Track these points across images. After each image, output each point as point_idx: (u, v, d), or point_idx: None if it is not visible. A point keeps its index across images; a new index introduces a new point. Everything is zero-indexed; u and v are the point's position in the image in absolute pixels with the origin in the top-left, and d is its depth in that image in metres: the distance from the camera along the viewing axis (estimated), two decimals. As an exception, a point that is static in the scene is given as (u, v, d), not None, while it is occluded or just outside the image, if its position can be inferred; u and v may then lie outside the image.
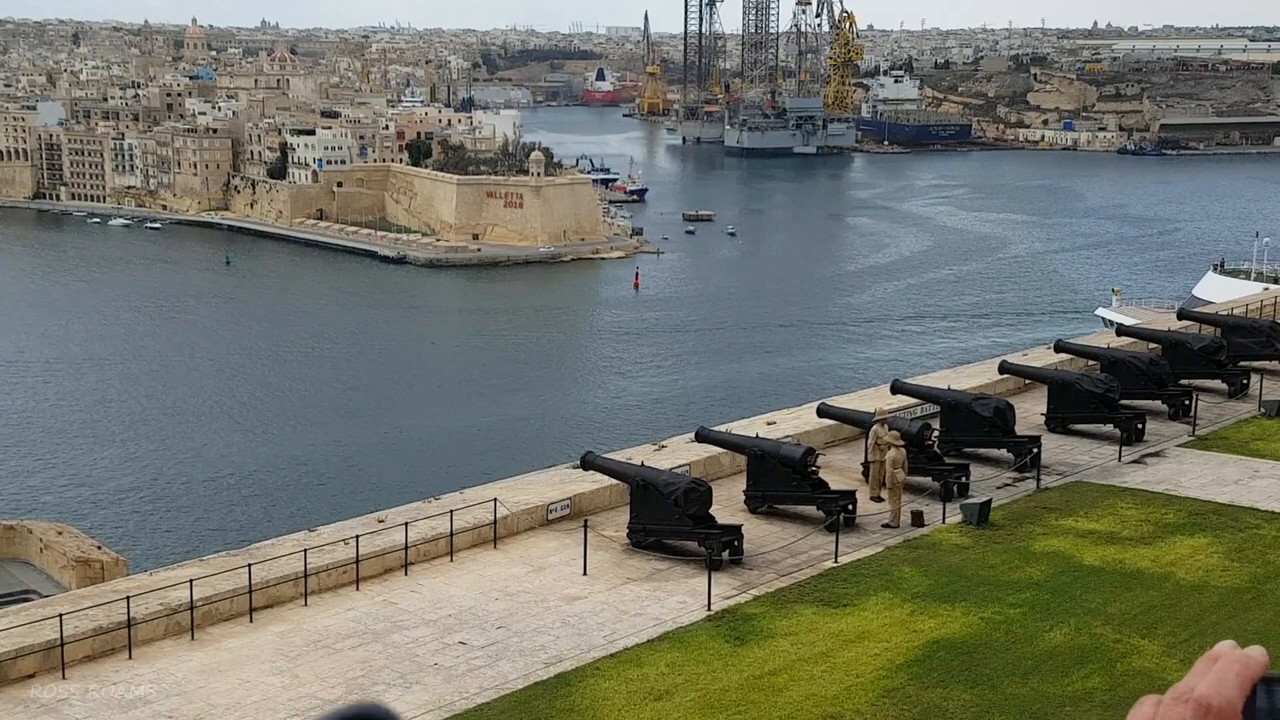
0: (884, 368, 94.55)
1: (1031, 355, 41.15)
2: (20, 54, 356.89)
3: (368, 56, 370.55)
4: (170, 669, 20.73)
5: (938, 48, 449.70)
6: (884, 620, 22.42)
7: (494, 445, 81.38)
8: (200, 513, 73.32)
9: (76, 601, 22.36)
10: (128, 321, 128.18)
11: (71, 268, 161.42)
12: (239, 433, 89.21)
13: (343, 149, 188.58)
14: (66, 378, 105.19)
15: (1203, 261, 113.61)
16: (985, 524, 27.13)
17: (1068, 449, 32.92)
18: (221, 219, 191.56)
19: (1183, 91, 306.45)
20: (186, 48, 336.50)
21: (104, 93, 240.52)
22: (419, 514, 26.45)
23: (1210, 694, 1.69)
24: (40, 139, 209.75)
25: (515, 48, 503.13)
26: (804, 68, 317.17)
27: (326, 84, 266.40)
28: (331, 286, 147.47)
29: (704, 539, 25.30)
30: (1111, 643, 21.48)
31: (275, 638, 21.97)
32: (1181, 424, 35.07)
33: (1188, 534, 26.63)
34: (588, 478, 28.66)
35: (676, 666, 20.73)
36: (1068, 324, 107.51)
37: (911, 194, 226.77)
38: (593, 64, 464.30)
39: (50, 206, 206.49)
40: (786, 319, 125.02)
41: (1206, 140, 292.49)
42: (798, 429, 32.20)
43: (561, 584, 24.42)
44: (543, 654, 21.34)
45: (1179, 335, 41.11)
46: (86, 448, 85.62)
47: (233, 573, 23.07)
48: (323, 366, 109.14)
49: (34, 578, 32.59)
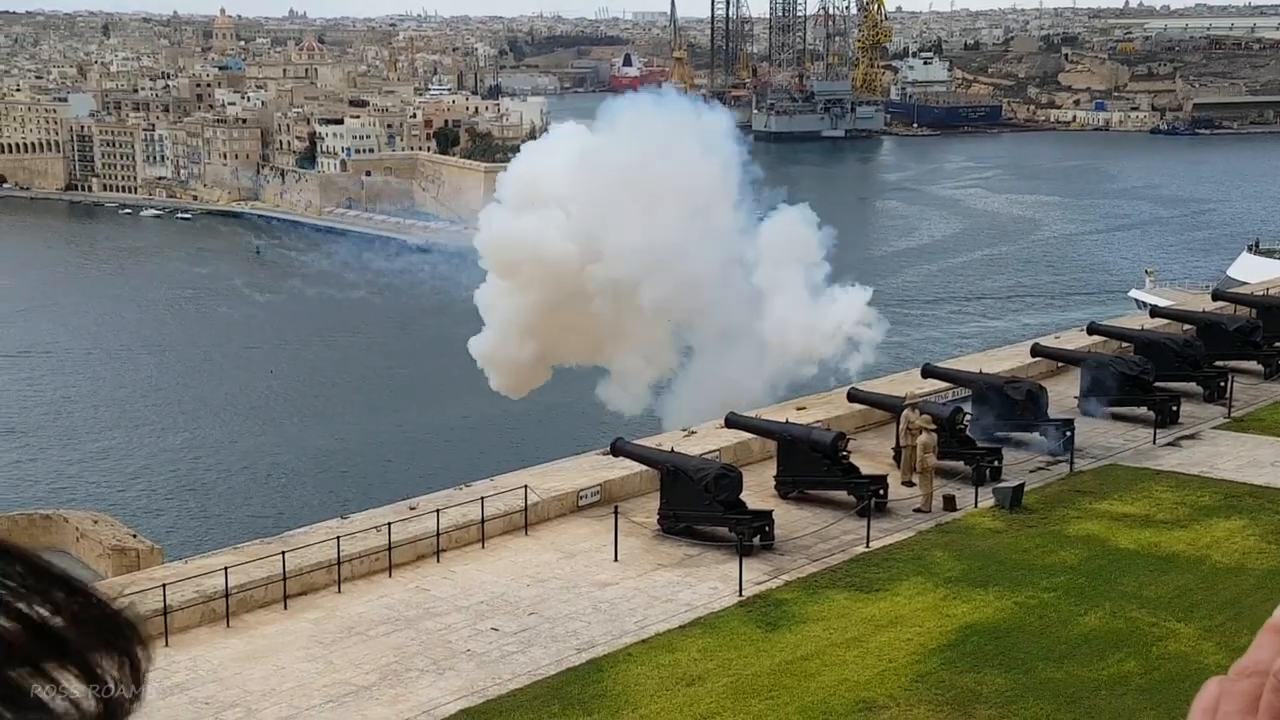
0: (915, 352, 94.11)
1: (1064, 337, 40.87)
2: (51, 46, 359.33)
3: (395, 45, 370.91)
4: (206, 656, 20.90)
5: (967, 29, 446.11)
6: (916, 605, 22.34)
7: (524, 432, 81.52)
8: (234, 501, 73.84)
9: (113, 590, 22.55)
10: (160, 312, 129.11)
11: (104, 259, 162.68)
12: (271, 421, 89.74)
13: (371, 138, 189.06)
14: (101, 368, 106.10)
15: (1237, 242, 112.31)
16: (1018, 508, 26.99)
17: (1102, 432, 32.69)
18: (251, 209, 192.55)
19: (1216, 70, 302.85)
20: (215, 38, 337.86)
21: (134, 84, 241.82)
22: (450, 501, 26.54)
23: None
24: (72, 131, 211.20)
25: (542, 34, 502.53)
26: (832, 51, 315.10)
27: (354, 73, 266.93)
28: (360, 275, 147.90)
29: (735, 524, 25.26)
30: (1147, 626, 21.34)
31: (309, 625, 22.11)
32: (1216, 406, 34.76)
33: (1223, 516, 26.41)
34: (618, 464, 28.67)
35: (708, 652, 20.73)
36: (1101, 306, 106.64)
37: (941, 176, 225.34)
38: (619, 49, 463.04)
39: (82, 198, 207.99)
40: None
41: (1240, 119, 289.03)
42: (829, 414, 32.10)
43: (593, 570, 24.45)
44: (574, 640, 21.38)
45: (1213, 316, 40.72)
46: (121, 437, 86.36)
47: (267, 560, 23.22)
48: (354, 355, 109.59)
49: (70, 566, 32.84)
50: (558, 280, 42.65)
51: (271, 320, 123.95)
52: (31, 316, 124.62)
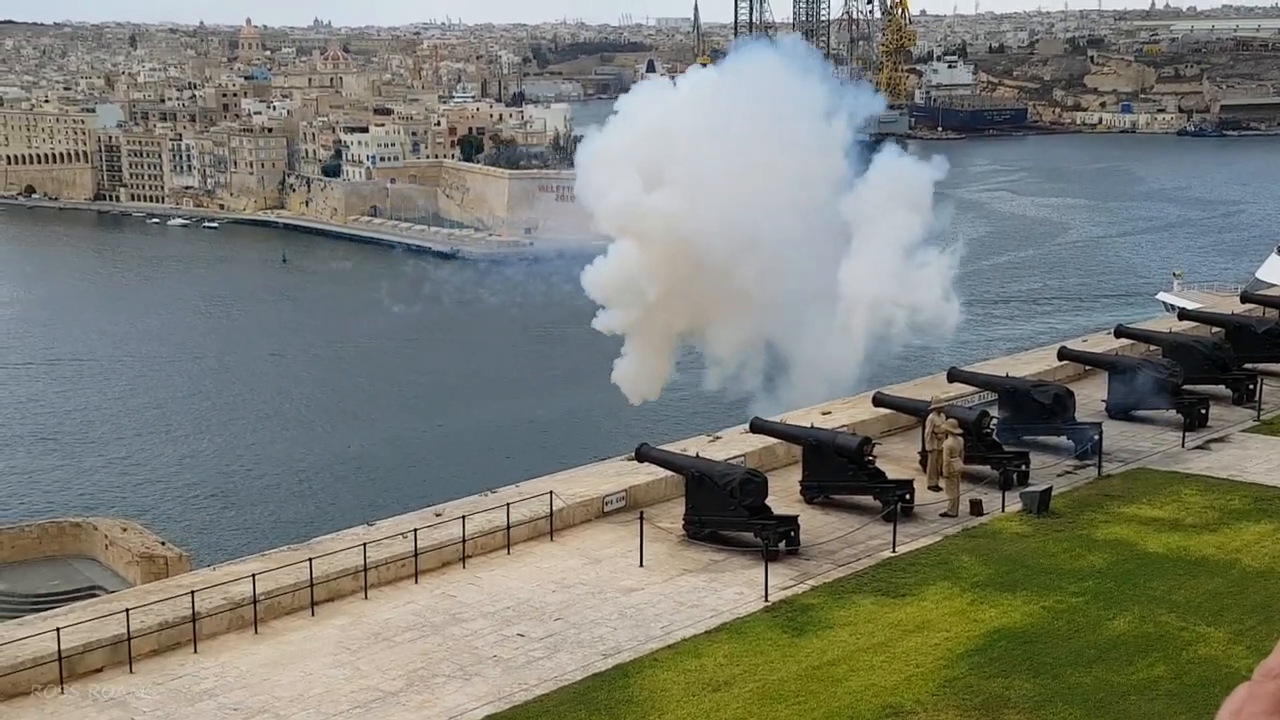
0: (941, 356, 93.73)
1: (1091, 340, 40.63)
2: (79, 57, 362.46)
3: (419, 53, 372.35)
4: (235, 662, 21.00)
5: (992, 31, 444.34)
6: (944, 610, 22.24)
7: (549, 438, 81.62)
8: (261, 508, 74.22)
9: (142, 597, 22.69)
10: (188, 320, 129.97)
11: (133, 268, 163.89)
12: (298, 429, 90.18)
13: (395, 146, 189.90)
14: (130, 375, 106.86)
15: (1266, 244, 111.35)
16: (1046, 512, 26.83)
17: (1130, 435, 32.48)
18: (277, 217, 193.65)
19: (1243, 72, 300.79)
20: (241, 48, 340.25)
21: (161, 94, 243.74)
22: (476, 507, 26.57)
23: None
24: (100, 141, 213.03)
25: (565, 41, 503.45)
26: (856, 55, 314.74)
27: (379, 81, 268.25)
28: (387, 282, 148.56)
29: (760, 530, 25.21)
30: (1176, 630, 21.18)
31: (337, 631, 22.18)
32: (1246, 409, 34.49)
33: (1253, 520, 26.19)
34: (643, 470, 28.65)
35: (734, 657, 20.69)
36: (1128, 309, 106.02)
37: (967, 180, 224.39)
38: (643, 56, 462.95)
39: (110, 208, 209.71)
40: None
41: (1268, 121, 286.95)
42: (853, 418, 32.01)
43: (618, 576, 24.44)
44: (600, 645, 21.37)
45: (1242, 319, 40.43)
46: (149, 445, 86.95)
47: (294, 567, 23.31)
48: (380, 361, 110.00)
49: (100, 574, 33.17)
50: (687, 248, 41.57)
51: (298, 328, 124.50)
52: (61, 325, 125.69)
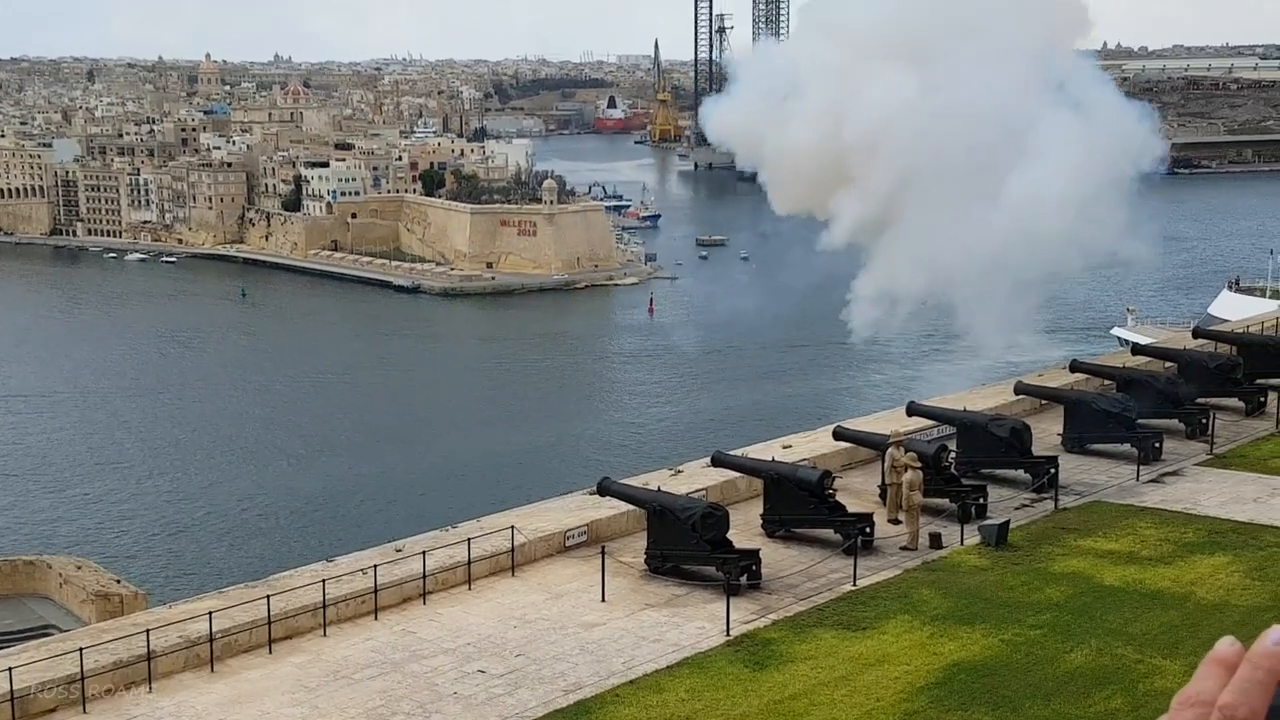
0: (899, 390, 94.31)
1: (1047, 375, 41.07)
2: (36, 92, 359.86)
3: (380, 88, 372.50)
4: (191, 701, 20.78)
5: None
6: (904, 643, 22.35)
7: (510, 473, 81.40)
8: (218, 545, 73.45)
9: (96, 635, 22.43)
10: (145, 355, 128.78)
11: (89, 303, 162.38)
12: (256, 464, 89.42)
13: (356, 180, 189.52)
14: (85, 411, 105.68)
15: (1218, 280, 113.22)
16: (1004, 545, 27.05)
17: (1085, 469, 32.83)
18: (237, 252, 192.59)
19: (1194, 110, 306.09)
20: (200, 83, 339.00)
21: (119, 129, 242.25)
22: (437, 543, 26.48)
23: (1234, 702, 1.66)
24: (56, 176, 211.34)
25: (527, 77, 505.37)
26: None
27: (340, 116, 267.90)
28: (347, 317, 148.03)
29: (722, 564, 25.26)
30: (1133, 663, 21.38)
31: (295, 669, 22.01)
32: (1199, 442, 34.94)
33: (1207, 553, 26.51)
34: (604, 504, 28.67)
35: (696, 692, 20.68)
36: (1083, 344, 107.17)
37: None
38: (604, 92, 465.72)
39: (67, 242, 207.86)
40: (801, 342, 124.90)
41: (1219, 159, 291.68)
42: (814, 452, 32.18)
43: (580, 611, 24.40)
44: (562, 681, 21.31)
45: (1195, 354, 40.97)
46: (105, 482, 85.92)
47: (251, 604, 23.13)
48: (339, 397, 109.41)
49: (54, 612, 32.70)
50: None
51: (257, 363, 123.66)
52: (16, 361, 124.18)
